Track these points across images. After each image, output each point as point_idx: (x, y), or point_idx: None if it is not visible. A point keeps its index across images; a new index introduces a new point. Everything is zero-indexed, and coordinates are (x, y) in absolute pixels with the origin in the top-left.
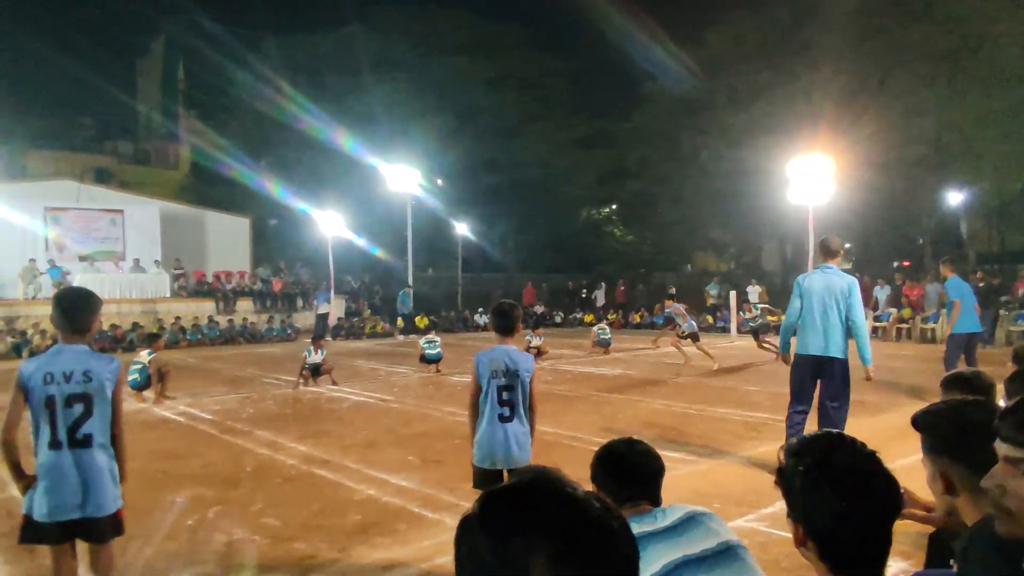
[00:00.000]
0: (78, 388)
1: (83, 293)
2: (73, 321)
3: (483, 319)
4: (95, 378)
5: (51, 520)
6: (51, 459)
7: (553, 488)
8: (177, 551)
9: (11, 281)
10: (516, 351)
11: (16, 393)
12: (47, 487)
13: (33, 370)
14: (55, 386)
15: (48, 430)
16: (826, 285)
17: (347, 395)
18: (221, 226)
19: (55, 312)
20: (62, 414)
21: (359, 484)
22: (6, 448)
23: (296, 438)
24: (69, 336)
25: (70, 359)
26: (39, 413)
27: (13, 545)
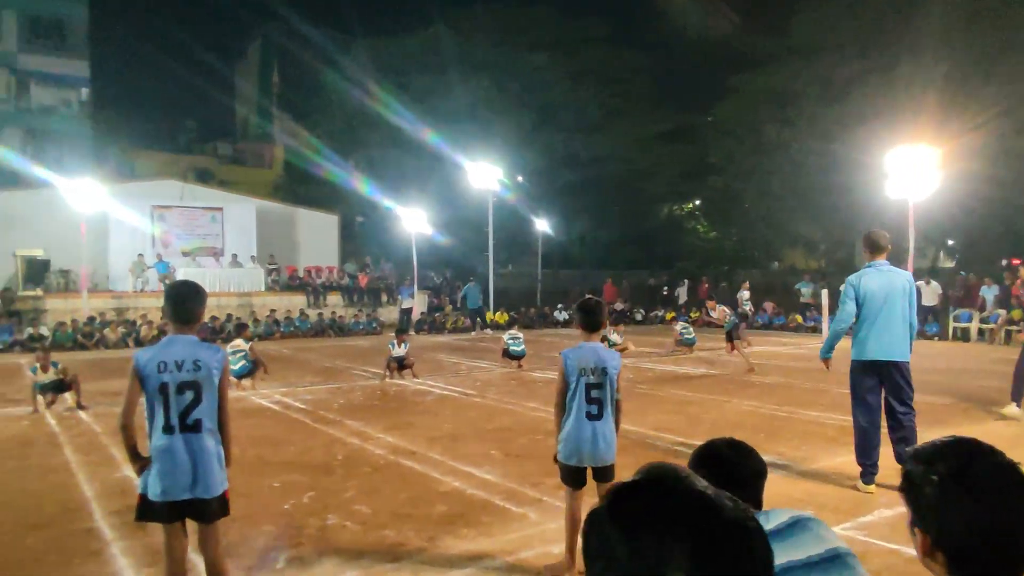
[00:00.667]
0: (188, 376)
1: (192, 286)
2: (183, 312)
3: (562, 315)
4: (204, 367)
5: (164, 500)
6: (164, 443)
7: (686, 485)
8: (275, 533)
9: (122, 275)
10: (604, 348)
11: (133, 380)
12: (160, 469)
13: (148, 359)
14: (168, 374)
15: (162, 415)
16: (886, 284)
17: (431, 388)
18: (311, 223)
19: (166, 304)
20: (174, 400)
21: (444, 476)
22: (125, 431)
23: (384, 429)
24: (179, 327)
25: (181, 349)
26: (153, 399)
27: (127, 522)
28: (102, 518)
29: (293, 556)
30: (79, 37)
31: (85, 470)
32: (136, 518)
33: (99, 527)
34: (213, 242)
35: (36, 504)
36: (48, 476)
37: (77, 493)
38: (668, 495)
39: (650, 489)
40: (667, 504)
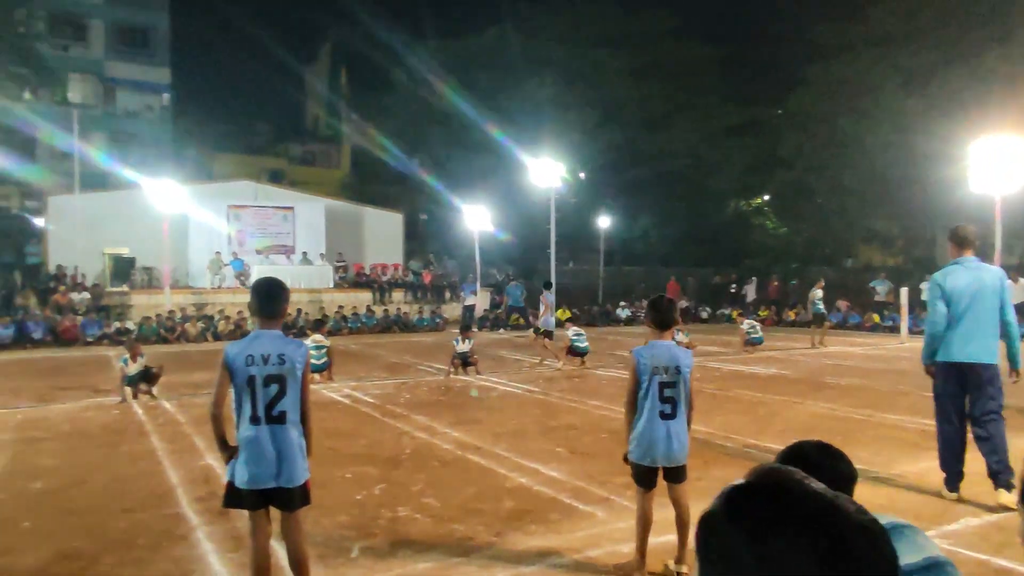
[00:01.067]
0: (274, 370)
1: (276, 283)
2: (268, 308)
3: (624, 313)
4: (288, 361)
5: (250, 487)
6: (251, 433)
7: (807, 488)
8: (349, 523)
9: (200, 272)
10: (677, 347)
11: (222, 373)
12: (247, 458)
13: (236, 352)
14: (255, 367)
15: (249, 407)
16: (973, 281)
17: (494, 385)
18: (377, 221)
19: (252, 300)
20: (261, 393)
21: (511, 472)
22: (215, 421)
23: (450, 424)
24: (265, 322)
25: (267, 343)
26: (241, 391)
27: (211, 508)
28: (187, 504)
29: (367, 546)
30: (162, 45)
31: (170, 458)
32: (224, 504)
33: (185, 512)
34: (285, 240)
35: (126, 489)
36: (137, 463)
37: (163, 479)
38: (791, 498)
39: (770, 492)
40: (792, 507)
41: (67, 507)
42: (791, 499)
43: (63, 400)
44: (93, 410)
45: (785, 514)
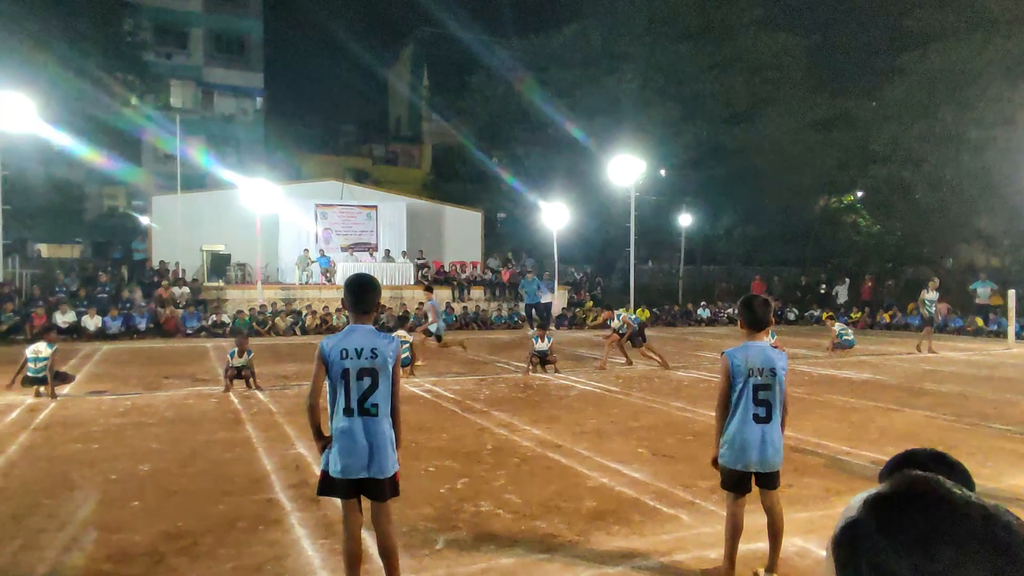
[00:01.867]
0: (367, 363)
1: (369, 279)
2: (362, 303)
3: (705, 313)
4: (380, 355)
5: (343, 477)
6: (345, 424)
7: (962, 498)
8: (432, 515)
9: (289, 268)
10: (771, 348)
11: (318, 365)
12: (340, 448)
13: (332, 346)
14: (349, 360)
15: (343, 399)
16: None
17: (573, 383)
18: (457, 219)
19: (346, 295)
20: (354, 385)
21: (592, 471)
22: (311, 411)
23: (529, 421)
24: (358, 317)
25: (360, 337)
26: (336, 383)
27: (303, 495)
28: (281, 490)
29: (451, 539)
30: (256, 51)
31: (264, 445)
32: (318, 492)
33: (279, 498)
34: (368, 238)
35: (225, 473)
36: (234, 449)
37: (259, 466)
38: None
39: (925, 502)
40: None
41: (172, 489)
42: (951, 510)
43: (166, 388)
44: (194, 398)
45: (948, 526)
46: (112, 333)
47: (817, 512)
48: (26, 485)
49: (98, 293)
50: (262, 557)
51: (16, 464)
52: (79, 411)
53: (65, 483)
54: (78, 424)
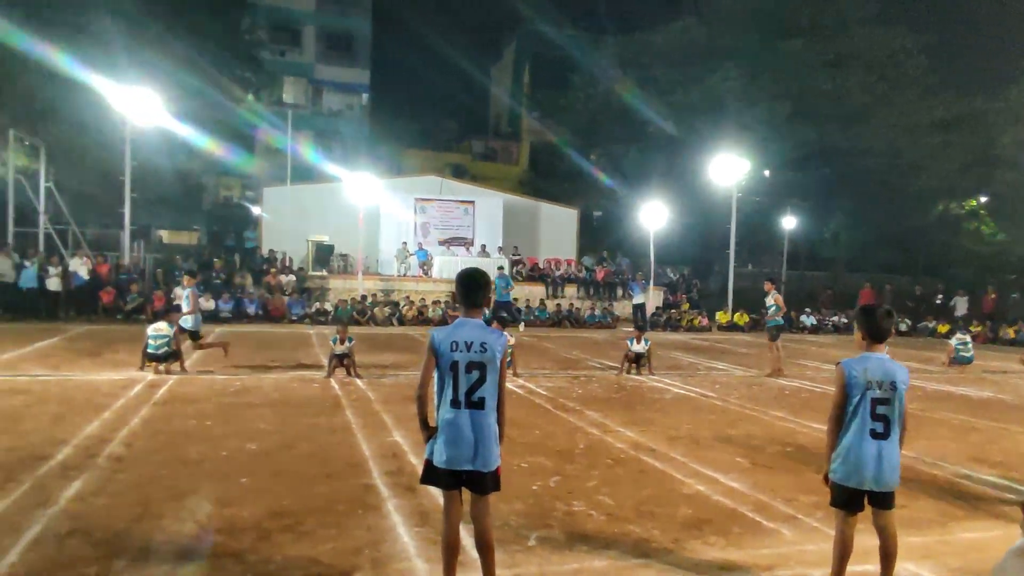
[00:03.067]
0: (476, 357)
1: (480, 274)
2: (472, 298)
3: (810, 320)
4: (489, 349)
5: (447, 468)
6: (451, 416)
7: None
8: (525, 512)
9: (388, 260)
10: (891, 360)
11: (428, 356)
12: (446, 439)
13: (442, 338)
14: (459, 353)
15: (451, 390)
16: None
17: (667, 387)
18: (552, 217)
19: (457, 289)
20: (463, 378)
21: (687, 478)
22: (419, 401)
23: (623, 423)
24: (468, 311)
25: (470, 331)
26: (444, 375)
27: (399, 483)
28: (378, 476)
29: (543, 536)
30: (363, 48)
31: (362, 431)
32: (421, 480)
33: (376, 484)
34: (464, 233)
35: (326, 457)
36: (335, 433)
37: (357, 451)
38: None
39: None
40: None
41: (277, 468)
42: None
43: (273, 371)
44: (297, 382)
45: None
46: (224, 316)
47: (933, 537)
48: (146, 456)
49: (213, 278)
50: (360, 541)
51: (138, 435)
52: (194, 389)
53: (181, 456)
54: (193, 401)
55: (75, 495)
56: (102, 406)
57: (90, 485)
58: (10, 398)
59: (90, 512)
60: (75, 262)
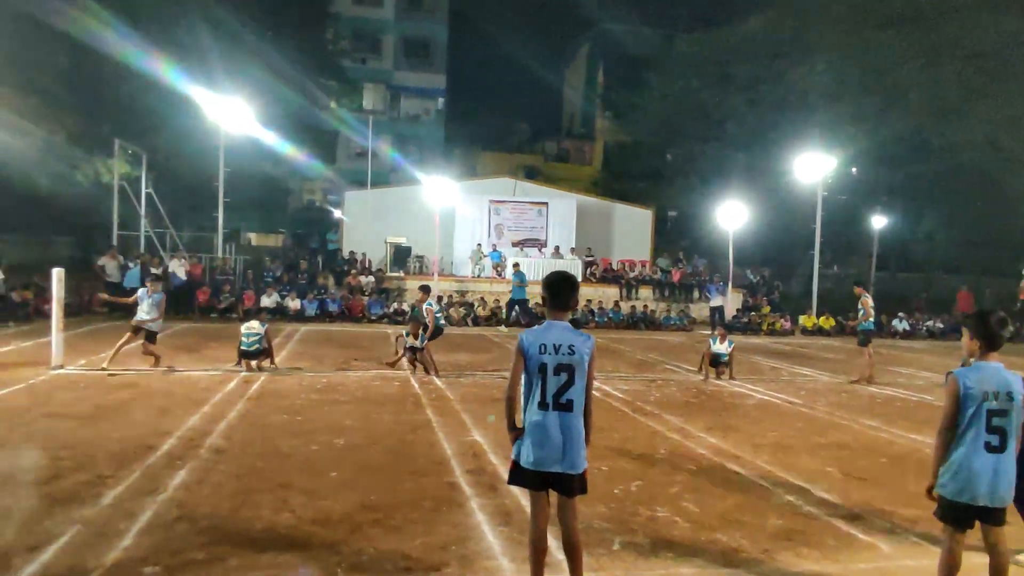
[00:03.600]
0: (564, 359)
1: (568, 277)
2: (560, 300)
3: (902, 325)
4: (577, 352)
5: (534, 469)
6: (539, 417)
7: None
8: (607, 516)
9: (463, 261)
10: (1006, 370)
11: (518, 358)
12: (534, 441)
13: (531, 340)
14: (547, 355)
15: (538, 392)
16: None
17: (750, 392)
18: (626, 217)
19: (545, 291)
20: (551, 380)
21: (775, 487)
22: (508, 403)
23: (704, 428)
24: (556, 313)
25: (558, 333)
26: (532, 377)
27: (481, 481)
28: (460, 475)
29: (627, 541)
30: (440, 54)
31: (443, 430)
32: (508, 481)
33: (459, 482)
34: (537, 234)
35: (410, 454)
36: (417, 431)
37: (439, 449)
38: None
39: None
40: None
41: (364, 463)
42: None
43: (356, 369)
44: (379, 380)
45: None
46: (308, 315)
47: None
48: (243, 448)
49: (298, 279)
50: (447, 537)
51: (235, 428)
52: (284, 385)
53: (275, 449)
54: (283, 396)
55: (180, 484)
56: (202, 400)
57: (194, 475)
58: (120, 392)
59: (195, 500)
60: (174, 263)
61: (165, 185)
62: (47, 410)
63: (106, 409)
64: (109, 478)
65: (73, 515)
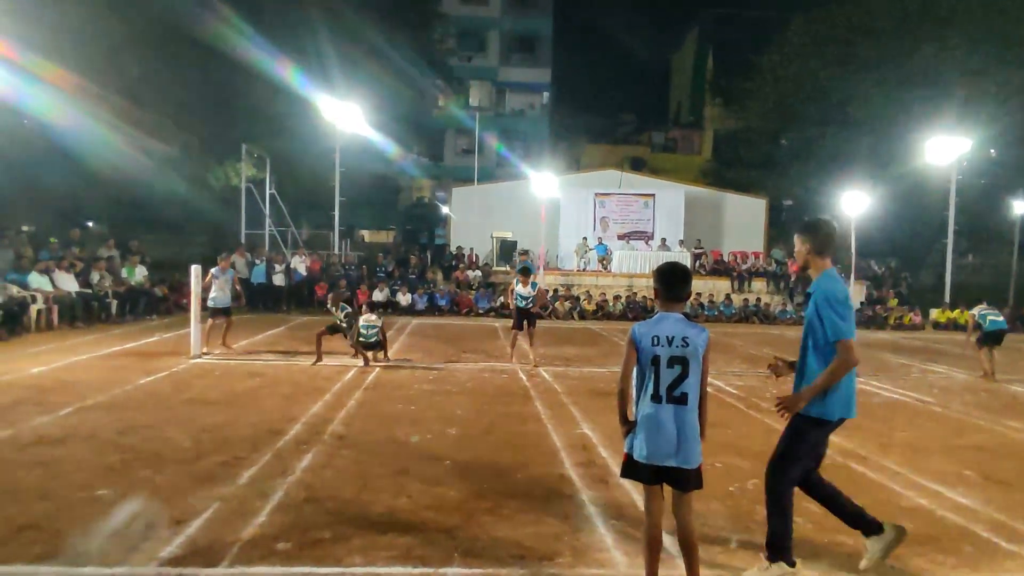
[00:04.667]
0: (678, 352)
1: (682, 268)
2: (673, 292)
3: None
4: (691, 344)
5: (647, 462)
6: (652, 410)
7: None
8: (722, 513)
9: (568, 255)
10: None
11: (630, 350)
12: (647, 434)
13: (643, 332)
14: (660, 348)
15: (651, 385)
16: None
17: (876, 390)
18: (738, 207)
19: (658, 284)
20: (664, 373)
21: (905, 489)
22: (621, 396)
23: None
24: (669, 304)
25: (671, 325)
26: (645, 369)
27: (591, 474)
28: (570, 467)
29: (744, 540)
30: (544, 48)
31: (552, 422)
32: (621, 474)
33: (569, 475)
34: (644, 227)
35: (521, 445)
36: (526, 423)
37: (549, 442)
38: None
39: None
40: None
41: (476, 453)
42: None
43: (465, 361)
44: (488, 372)
45: None
46: (418, 309)
47: None
48: (363, 435)
49: (408, 274)
50: (558, 528)
51: (355, 416)
52: (398, 376)
53: (392, 437)
54: (398, 387)
55: (307, 467)
56: (323, 389)
57: (319, 459)
58: (250, 380)
59: (320, 483)
60: (295, 260)
61: (286, 186)
62: (188, 396)
63: (239, 395)
64: (244, 459)
65: (213, 492)
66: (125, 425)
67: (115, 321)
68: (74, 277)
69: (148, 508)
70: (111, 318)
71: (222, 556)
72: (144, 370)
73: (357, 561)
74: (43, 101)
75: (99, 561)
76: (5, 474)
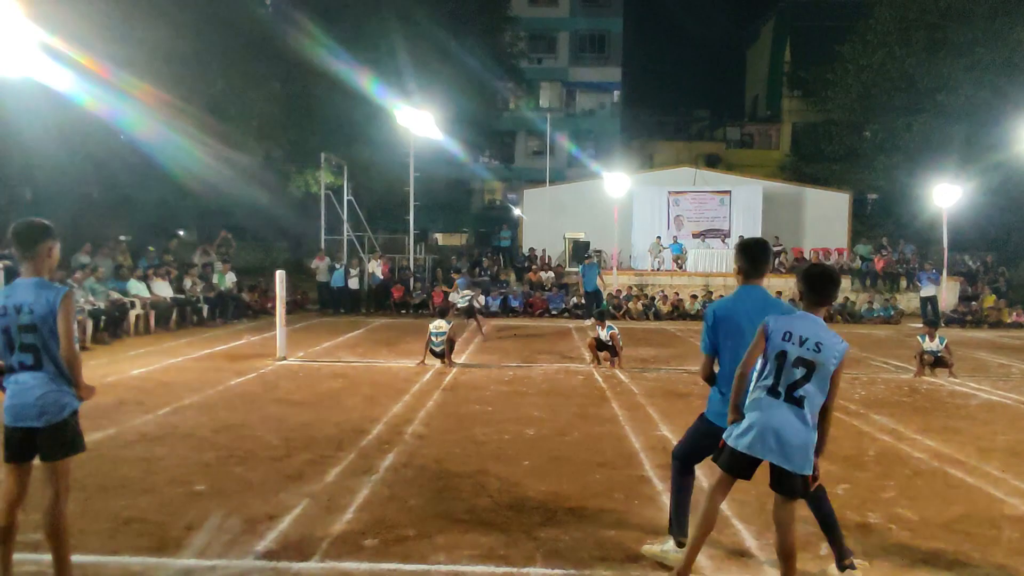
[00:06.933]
0: (808, 355)
1: (832, 271)
2: (815, 295)
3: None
4: (824, 351)
5: (748, 453)
6: (765, 403)
7: None
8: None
9: (641, 254)
10: None
11: (759, 339)
12: (755, 427)
13: (777, 325)
14: (790, 344)
15: (771, 379)
16: None
17: (973, 391)
18: (819, 202)
19: (802, 284)
20: (787, 371)
21: (1009, 496)
22: (740, 379)
23: (919, 430)
24: (812, 308)
25: (808, 326)
26: (768, 362)
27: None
28: (650, 468)
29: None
30: (614, 47)
31: (630, 424)
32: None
33: (649, 476)
34: (720, 224)
35: (598, 446)
36: (604, 424)
37: (627, 443)
38: None
39: None
40: None
41: (554, 454)
42: None
43: (540, 362)
44: (563, 373)
45: None
46: (492, 311)
47: None
48: (442, 435)
49: (482, 276)
50: (640, 530)
51: (434, 416)
52: (474, 377)
53: (470, 437)
54: (475, 388)
55: (390, 465)
56: (402, 390)
57: (400, 458)
58: (332, 381)
59: (402, 481)
60: (372, 264)
61: (363, 192)
62: (275, 396)
63: (323, 396)
64: (330, 458)
65: (302, 489)
66: (219, 424)
67: (206, 325)
68: (169, 283)
69: (243, 503)
70: (203, 322)
71: (313, 551)
72: (235, 371)
73: (441, 559)
74: (135, 117)
75: (200, 554)
76: (111, 470)
